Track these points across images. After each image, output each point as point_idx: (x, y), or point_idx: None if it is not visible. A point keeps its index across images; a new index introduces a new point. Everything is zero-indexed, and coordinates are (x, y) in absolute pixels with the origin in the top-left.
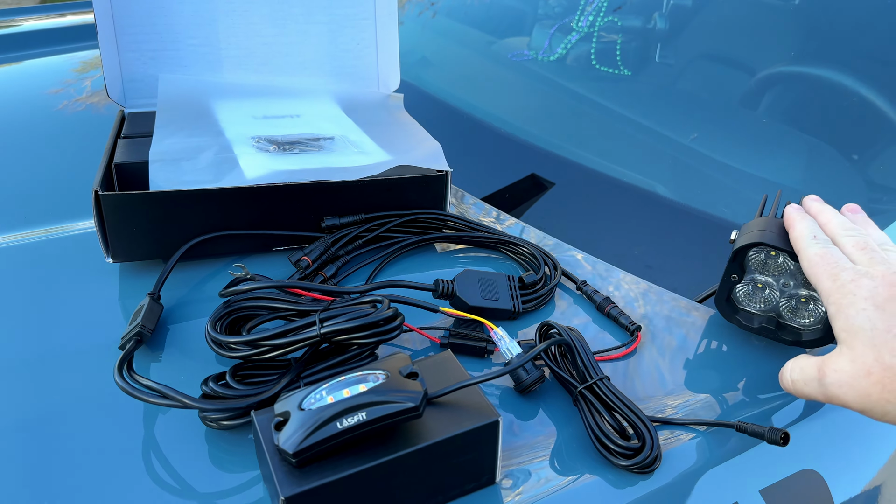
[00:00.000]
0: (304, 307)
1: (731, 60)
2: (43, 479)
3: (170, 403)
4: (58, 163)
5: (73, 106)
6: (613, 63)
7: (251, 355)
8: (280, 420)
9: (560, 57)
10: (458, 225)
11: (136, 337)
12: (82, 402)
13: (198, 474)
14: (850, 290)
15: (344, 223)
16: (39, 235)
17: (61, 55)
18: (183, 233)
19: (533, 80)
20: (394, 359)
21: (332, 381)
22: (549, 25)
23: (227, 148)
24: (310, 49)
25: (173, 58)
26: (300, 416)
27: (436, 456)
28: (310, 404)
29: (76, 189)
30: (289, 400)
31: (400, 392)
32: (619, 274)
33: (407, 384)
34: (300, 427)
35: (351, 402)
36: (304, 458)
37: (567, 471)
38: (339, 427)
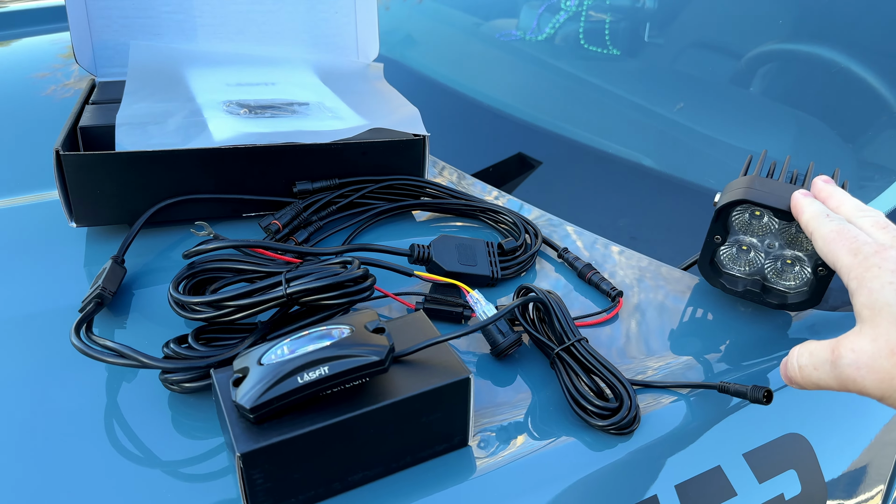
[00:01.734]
0: (272, 269)
1: (719, 39)
2: (1, 443)
3: (127, 363)
4: (41, 144)
5: (60, 91)
6: (602, 42)
7: (215, 317)
8: (239, 377)
9: (548, 36)
10: (436, 192)
11: (96, 300)
12: (42, 368)
13: (161, 441)
14: (874, 263)
15: (317, 188)
16: (6, 204)
17: (47, 35)
18: (150, 197)
19: (521, 58)
20: (360, 314)
21: (293, 335)
22: (536, 6)
23: (197, 112)
24: (286, 17)
25: (146, 25)
26: (259, 371)
27: (403, 414)
28: (270, 359)
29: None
30: (248, 356)
31: (364, 346)
32: (602, 242)
33: (372, 338)
34: (258, 382)
35: (313, 357)
36: (261, 413)
37: (543, 433)
38: (300, 381)
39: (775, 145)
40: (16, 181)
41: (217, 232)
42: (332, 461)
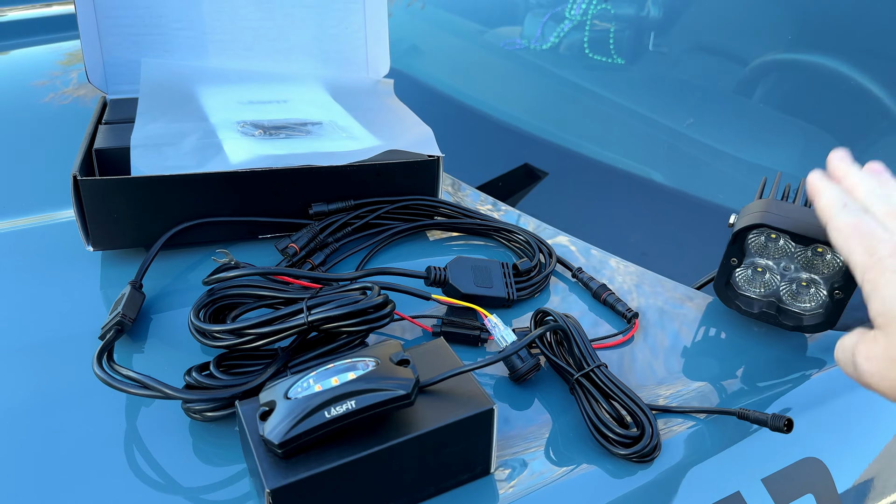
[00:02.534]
0: (292, 295)
1: (725, 48)
2: (22, 472)
3: (151, 394)
4: (43, 154)
5: (59, 98)
6: (607, 51)
7: (236, 344)
8: (265, 410)
9: (553, 45)
10: (450, 212)
11: (116, 326)
12: (61, 395)
13: (182, 468)
14: (888, 267)
15: (332, 210)
16: (20, 224)
17: (46, 45)
18: (166, 220)
19: (526, 68)
20: (384, 346)
21: (319, 368)
22: (540, 14)
23: (212, 133)
24: (296, 34)
25: (157, 42)
26: (286, 406)
27: (428, 446)
28: (296, 393)
29: (60, 179)
30: (274, 389)
31: (391, 380)
32: (615, 261)
33: (398, 371)
34: (286, 416)
35: (340, 391)
36: (290, 448)
37: (564, 460)
38: (328, 416)
39: (782, 157)
40: (25, 200)
41: (233, 254)
42: (357, 493)
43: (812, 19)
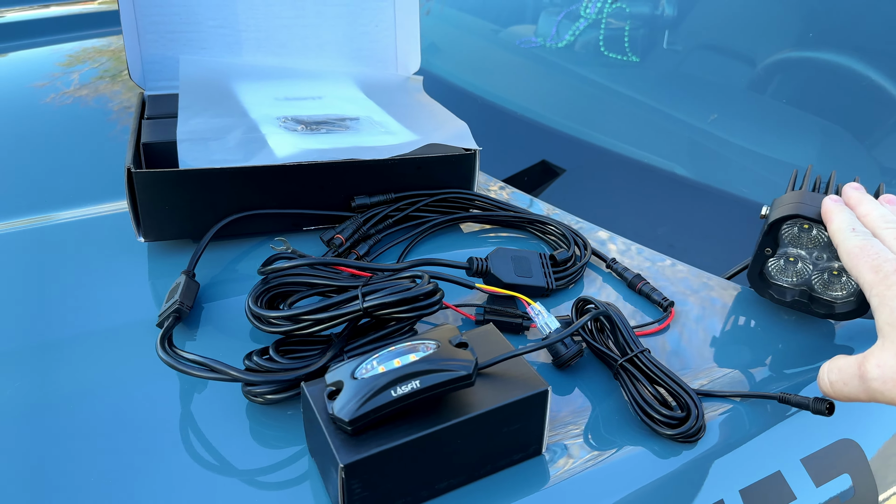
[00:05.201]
0: (342, 283)
1: (739, 46)
2: (84, 456)
3: (216, 377)
4: (52, 152)
5: (60, 99)
6: (622, 49)
7: (293, 330)
8: (333, 390)
9: (568, 43)
10: (485, 204)
11: (174, 314)
12: (115, 381)
13: (238, 449)
14: (894, 281)
15: (374, 202)
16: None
17: (45, 47)
18: (212, 212)
19: (544, 65)
20: (442, 329)
21: (382, 350)
22: (555, 13)
23: (254, 128)
24: (328, 31)
25: (193, 39)
26: (354, 385)
27: (487, 425)
28: (362, 374)
29: (74, 176)
30: (340, 370)
31: (452, 361)
32: (644, 252)
33: (458, 353)
34: (355, 395)
35: (405, 371)
36: (359, 426)
37: (610, 441)
38: (394, 395)
39: (800, 152)
40: (59, 195)
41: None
42: (421, 470)
43: (826, 16)
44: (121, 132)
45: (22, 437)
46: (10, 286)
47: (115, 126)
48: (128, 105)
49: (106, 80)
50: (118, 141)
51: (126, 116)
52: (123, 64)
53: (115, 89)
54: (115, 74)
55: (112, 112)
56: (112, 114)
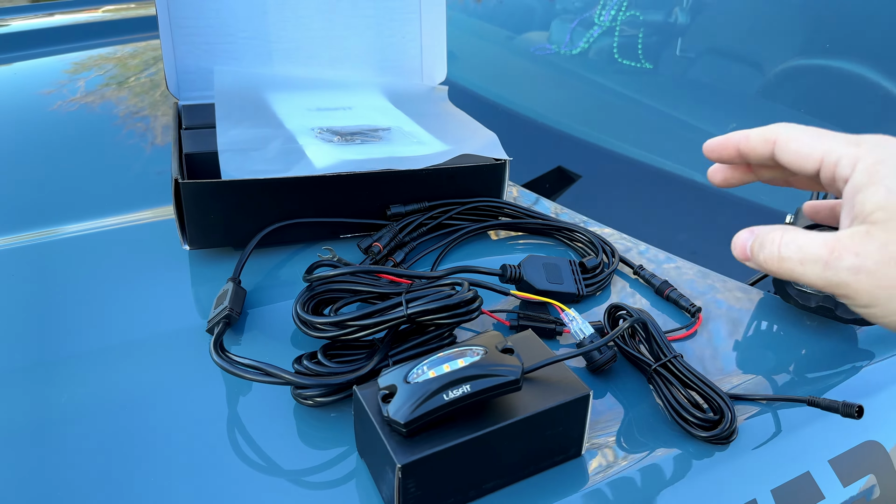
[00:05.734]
0: (384, 290)
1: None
2: (138, 456)
3: (270, 380)
4: (61, 161)
5: (66, 106)
6: (636, 57)
7: (338, 335)
8: (386, 393)
9: (582, 51)
10: (514, 212)
11: (224, 319)
12: (166, 386)
13: (285, 451)
14: (890, 154)
15: (408, 211)
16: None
17: (51, 57)
18: (253, 220)
19: (558, 72)
20: (488, 335)
21: (432, 356)
22: (569, 20)
23: (292, 138)
24: (356, 42)
25: (226, 50)
26: (408, 389)
27: (532, 428)
28: (415, 378)
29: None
30: (392, 375)
31: (500, 366)
32: (669, 259)
33: (505, 359)
34: (409, 399)
35: (456, 375)
36: (413, 428)
37: (645, 444)
38: (446, 399)
39: None
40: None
41: (311, 251)
42: (470, 470)
43: (839, 24)
44: (126, 136)
45: (80, 440)
46: (47, 296)
47: (122, 131)
48: (134, 111)
49: (112, 86)
50: (132, 147)
51: (132, 122)
52: (129, 71)
53: (120, 95)
54: (122, 81)
55: (118, 118)
56: (118, 119)
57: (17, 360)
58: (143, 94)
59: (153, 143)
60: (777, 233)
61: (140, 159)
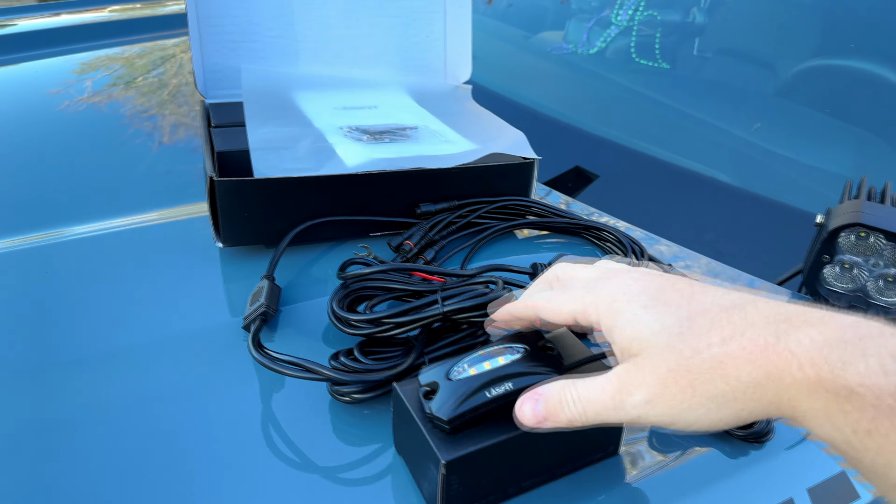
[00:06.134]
0: (417, 288)
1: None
2: (175, 452)
3: (309, 376)
4: (71, 161)
5: (74, 106)
6: (653, 56)
7: (373, 333)
8: (428, 390)
9: (600, 50)
10: (542, 211)
11: (261, 316)
12: (202, 382)
13: (322, 447)
14: (609, 297)
15: (438, 209)
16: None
17: (58, 57)
18: (285, 219)
19: (576, 71)
20: (526, 333)
21: (472, 354)
22: (585, 20)
23: (321, 137)
24: (381, 42)
25: (252, 49)
26: (450, 386)
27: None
28: (456, 375)
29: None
30: (433, 372)
31: (541, 364)
32: (697, 258)
33: (545, 357)
34: (451, 395)
35: (498, 373)
36: (456, 424)
37: (680, 444)
38: (488, 396)
39: (837, 161)
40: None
41: (343, 249)
42: (511, 468)
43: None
44: (134, 136)
45: (117, 437)
46: (68, 296)
47: (128, 131)
48: (142, 111)
49: (119, 86)
50: (143, 146)
51: (139, 121)
52: (137, 71)
53: (128, 95)
54: (129, 81)
55: (125, 117)
56: (125, 119)
57: (54, 358)
58: (150, 94)
59: (161, 143)
60: (545, 394)
61: (147, 159)
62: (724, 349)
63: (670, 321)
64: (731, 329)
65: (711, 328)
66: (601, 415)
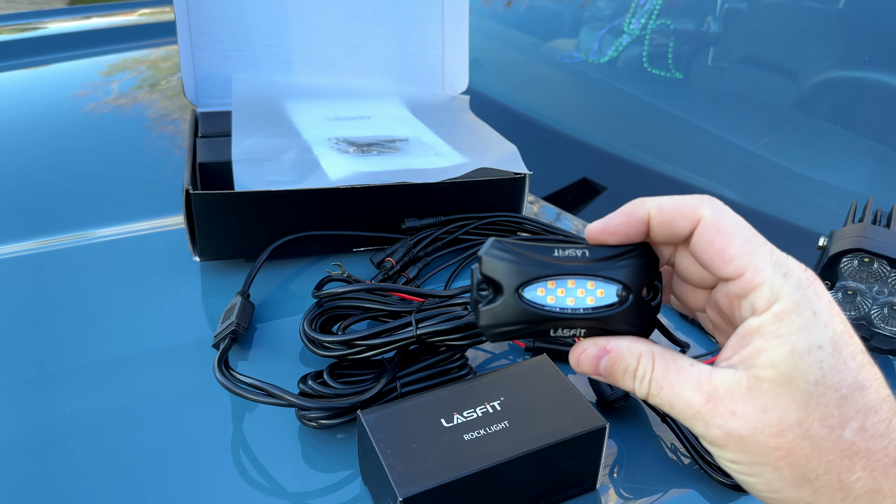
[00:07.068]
0: (394, 308)
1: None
2: (137, 474)
3: (274, 402)
4: (88, 165)
5: (100, 108)
6: (666, 66)
7: (346, 355)
8: (486, 281)
9: (611, 59)
10: (534, 228)
11: (230, 335)
12: (169, 400)
13: (289, 473)
14: (810, 305)
15: (423, 225)
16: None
17: (87, 59)
18: (265, 232)
19: (586, 81)
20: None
21: (562, 273)
22: (597, 28)
23: (307, 149)
24: (378, 51)
25: (246, 57)
26: (512, 307)
27: (543, 460)
28: (531, 296)
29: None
30: (508, 263)
31: (635, 316)
32: None
33: (641, 309)
34: (509, 318)
35: (579, 315)
36: (495, 337)
37: (660, 483)
38: (552, 334)
39: (851, 177)
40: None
41: (326, 265)
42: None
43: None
44: (155, 139)
45: (77, 455)
46: (59, 303)
47: (151, 134)
48: (164, 114)
49: (144, 89)
50: (158, 152)
51: (163, 124)
52: (161, 73)
53: (152, 98)
54: (154, 84)
55: (149, 120)
56: (148, 121)
57: (20, 371)
58: (173, 98)
59: (182, 147)
60: (631, 359)
61: (168, 163)
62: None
63: (832, 381)
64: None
65: (860, 412)
66: (674, 407)
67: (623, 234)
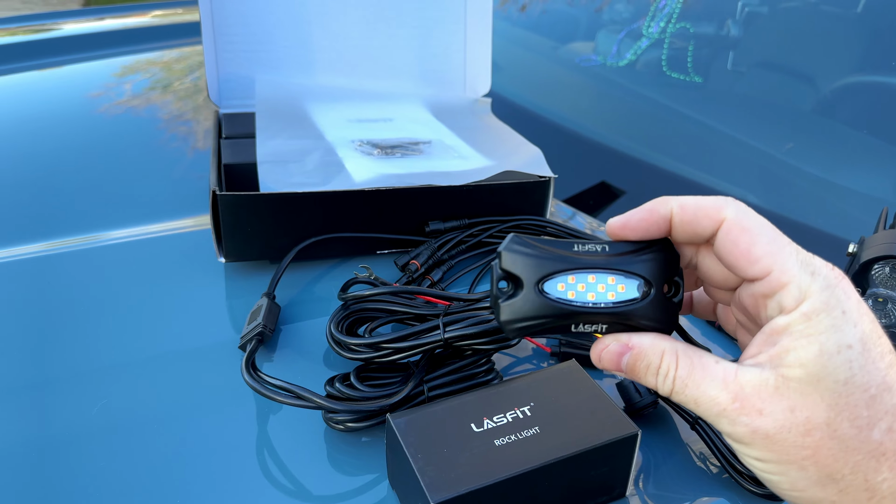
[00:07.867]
0: (420, 311)
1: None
2: (163, 475)
3: (302, 404)
4: (103, 165)
5: (114, 109)
6: (685, 69)
7: (373, 357)
8: (506, 275)
9: (630, 63)
10: (557, 231)
11: (257, 336)
12: (195, 401)
13: (315, 475)
14: (838, 304)
15: (448, 228)
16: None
17: (101, 60)
18: (290, 234)
19: (604, 84)
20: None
21: (583, 266)
22: (616, 31)
23: (331, 151)
24: (399, 53)
25: (267, 59)
26: (532, 300)
27: (575, 467)
28: (551, 290)
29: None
30: (526, 257)
31: (657, 311)
32: None
33: (663, 305)
34: (529, 314)
35: (599, 310)
36: (514, 332)
37: (690, 492)
38: (573, 330)
39: (876, 182)
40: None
41: (350, 267)
42: None
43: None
44: (169, 140)
45: (103, 455)
46: (84, 305)
47: (165, 134)
48: (177, 115)
49: (157, 90)
50: (172, 153)
51: (176, 126)
52: (174, 75)
53: (165, 99)
54: (167, 85)
55: (162, 121)
56: (161, 122)
57: (48, 372)
58: (186, 99)
59: (195, 148)
60: (654, 356)
61: (181, 164)
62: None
63: (861, 381)
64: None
65: (888, 412)
66: (699, 405)
67: (644, 231)
